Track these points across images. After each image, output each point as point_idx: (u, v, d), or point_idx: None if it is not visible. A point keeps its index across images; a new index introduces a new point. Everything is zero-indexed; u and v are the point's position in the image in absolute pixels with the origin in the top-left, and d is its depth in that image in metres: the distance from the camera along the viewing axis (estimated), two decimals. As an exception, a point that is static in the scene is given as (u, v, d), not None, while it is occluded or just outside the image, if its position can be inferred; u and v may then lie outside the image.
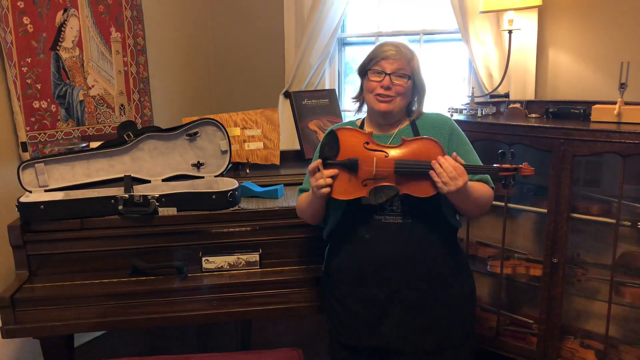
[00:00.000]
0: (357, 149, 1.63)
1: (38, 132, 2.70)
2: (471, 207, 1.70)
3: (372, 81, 1.70)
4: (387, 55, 1.67)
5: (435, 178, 1.57)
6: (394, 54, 1.67)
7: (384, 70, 1.68)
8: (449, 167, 1.56)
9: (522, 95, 2.60)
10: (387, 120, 1.77)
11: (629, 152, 2.01)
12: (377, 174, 1.62)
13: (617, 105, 2.16)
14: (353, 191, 1.64)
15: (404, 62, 1.68)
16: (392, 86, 1.67)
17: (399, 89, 1.68)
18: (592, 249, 2.40)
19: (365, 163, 1.62)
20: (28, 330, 1.95)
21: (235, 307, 2.01)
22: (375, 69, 1.69)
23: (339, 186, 1.64)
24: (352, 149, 1.63)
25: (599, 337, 2.30)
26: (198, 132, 2.35)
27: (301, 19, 3.23)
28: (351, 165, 1.62)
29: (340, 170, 1.63)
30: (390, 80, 1.67)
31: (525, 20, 2.53)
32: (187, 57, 3.58)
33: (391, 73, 1.67)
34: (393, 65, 1.67)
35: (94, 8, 2.91)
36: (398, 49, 1.68)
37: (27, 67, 2.63)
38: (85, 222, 2.04)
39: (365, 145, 1.64)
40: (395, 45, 1.70)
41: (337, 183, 1.63)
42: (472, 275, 1.86)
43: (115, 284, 2.01)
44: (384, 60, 1.68)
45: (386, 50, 1.68)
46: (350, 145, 1.63)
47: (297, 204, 1.88)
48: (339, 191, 1.64)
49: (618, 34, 2.41)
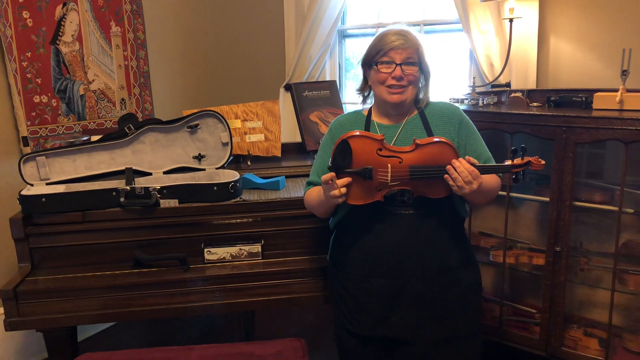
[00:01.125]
0: (371, 156, 1.60)
1: (39, 126, 2.70)
2: (481, 198, 1.72)
3: (382, 73, 1.67)
4: (395, 45, 1.64)
5: (451, 182, 1.57)
6: (403, 43, 1.64)
7: (394, 60, 1.65)
8: (465, 171, 1.55)
9: (524, 84, 2.59)
10: (398, 110, 1.74)
11: (631, 138, 2.00)
12: (390, 181, 1.61)
13: (619, 92, 2.15)
14: (368, 196, 1.63)
15: (412, 50, 1.65)
16: (404, 76, 1.65)
17: (410, 77, 1.66)
18: (595, 238, 2.39)
19: (379, 171, 1.60)
20: (31, 322, 1.96)
21: (238, 297, 2.02)
22: (384, 60, 1.66)
23: (353, 192, 1.62)
24: (366, 157, 1.60)
25: (603, 325, 2.29)
26: (199, 124, 2.35)
27: (301, 11, 3.22)
28: (366, 174, 1.59)
29: (354, 178, 1.61)
30: (401, 70, 1.64)
31: (526, 8, 2.52)
32: (187, 51, 3.58)
33: (401, 63, 1.64)
34: (402, 54, 1.64)
35: (94, 2, 2.91)
36: (405, 38, 1.65)
37: (27, 61, 2.63)
38: (87, 215, 2.04)
39: (378, 152, 1.61)
40: (401, 33, 1.67)
41: (352, 189, 1.62)
42: (478, 266, 1.86)
43: (117, 276, 2.02)
44: (392, 50, 1.65)
45: (394, 40, 1.65)
46: (363, 153, 1.60)
47: (306, 198, 1.85)
48: (354, 197, 1.63)
49: (619, 21, 2.39)
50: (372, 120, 1.77)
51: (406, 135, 1.72)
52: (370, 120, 1.77)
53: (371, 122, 1.77)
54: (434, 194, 1.63)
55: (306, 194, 1.85)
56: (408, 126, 1.73)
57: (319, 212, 1.82)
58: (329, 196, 1.62)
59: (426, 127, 1.72)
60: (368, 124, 1.76)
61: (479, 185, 1.56)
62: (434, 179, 1.60)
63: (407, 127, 1.73)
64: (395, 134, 1.72)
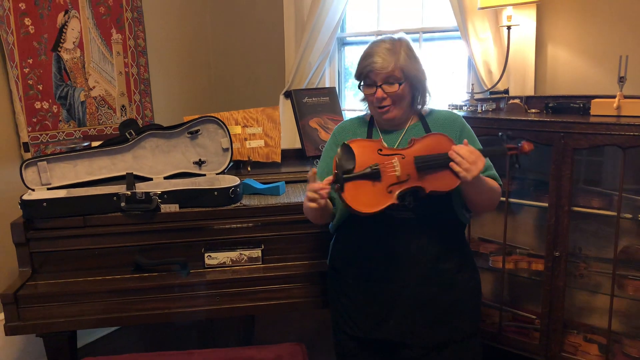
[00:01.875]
0: (373, 156, 1.59)
1: (40, 132, 2.71)
2: (485, 198, 1.70)
3: (367, 95, 1.69)
4: (374, 67, 1.63)
5: (457, 168, 1.55)
6: (380, 64, 1.63)
7: (375, 82, 1.65)
8: (466, 152, 1.55)
9: (522, 91, 2.61)
10: (393, 123, 1.75)
11: (629, 144, 2.02)
12: (400, 176, 1.58)
13: (617, 98, 2.17)
14: (381, 201, 1.56)
15: (391, 68, 1.63)
16: (386, 96, 1.65)
17: (393, 96, 1.66)
18: (594, 243, 2.40)
19: (387, 168, 1.58)
20: (32, 327, 1.96)
21: (238, 302, 2.02)
22: (366, 83, 1.68)
23: (365, 199, 1.55)
24: (368, 158, 1.58)
25: (602, 331, 2.30)
26: (199, 130, 2.36)
27: (301, 18, 3.25)
28: (374, 174, 1.56)
29: (362, 182, 1.56)
30: (382, 91, 1.65)
31: (523, 16, 2.55)
32: (187, 58, 3.60)
33: (382, 84, 1.64)
34: (380, 75, 1.64)
35: (95, 9, 2.93)
36: (382, 57, 1.63)
37: (28, 68, 2.64)
38: (88, 220, 2.05)
39: (379, 152, 1.60)
40: (379, 52, 1.64)
41: (362, 195, 1.55)
42: (478, 270, 1.87)
43: (118, 281, 2.02)
44: (371, 73, 1.65)
45: (372, 62, 1.64)
46: (365, 155, 1.58)
47: (304, 204, 1.81)
48: (366, 204, 1.55)
49: (616, 28, 2.42)
50: (375, 127, 1.78)
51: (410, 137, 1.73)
52: (373, 126, 1.78)
53: (374, 129, 1.78)
54: (445, 185, 1.59)
55: (304, 200, 1.85)
56: (410, 133, 1.74)
57: (312, 217, 1.79)
58: (308, 199, 1.60)
59: (427, 131, 1.74)
60: (370, 129, 1.77)
61: (484, 165, 1.56)
62: (441, 168, 1.58)
63: (409, 134, 1.74)
64: (397, 140, 1.74)
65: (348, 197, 1.53)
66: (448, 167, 1.57)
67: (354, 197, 1.53)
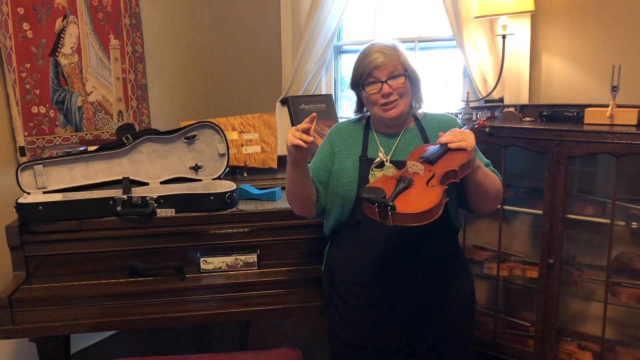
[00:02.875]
0: (390, 180, 1.55)
1: (36, 137, 2.71)
2: (491, 189, 1.68)
3: (372, 94, 1.68)
4: (376, 64, 1.65)
5: (455, 144, 1.55)
6: (383, 60, 1.65)
7: (379, 79, 1.66)
8: (449, 135, 1.58)
9: (516, 99, 2.64)
10: (395, 122, 1.75)
11: (621, 152, 2.04)
12: (425, 172, 1.54)
13: (610, 107, 2.20)
14: (432, 194, 1.49)
15: (394, 63, 1.66)
16: (392, 90, 1.66)
17: (400, 90, 1.67)
18: (588, 251, 2.42)
19: (410, 174, 1.54)
20: (25, 331, 1.94)
21: (234, 307, 2.02)
22: (369, 81, 1.68)
23: (418, 200, 1.47)
24: (389, 183, 1.54)
25: (596, 338, 2.31)
26: (196, 135, 2.37)
27: (298, 26, 3.27)
28: (406, 182, 1.51)
29: (404, 193, 1.49)
30: (388, 86, 1.66)
31: (518, 25, 2.58)
32: (185, 65, 3.62)
33: (386, 79, 1.66)
34: (385, 71, 1.66)
35: (93, 15, 2.95)
36: (384, 54, 1.66)
37: (26, 72, 2.65)
38: (84, 223, 2.05)
39: (391, 178, 1.57)
40: (379, 50, 1.67)
41: (415, 199, 1.47)
42: (472, 276, 1.87)
43: (113, 285, 2.01)
44: (374, 70, 1.66)
45: (373, 59, 1.66)
46: (384, 183, 1.54)
47: (287, 181, 1.77)
48: (425, 201, 1.46)
49: (609, 38, 2.45)
50: (371, 130, 1.79)
51: (405, 146, 1.74)
52: (369, 129, 1.79)
53: (370, 132, 1.79)
54: (463, 157, 1.56)
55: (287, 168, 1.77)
56: (406, 136, 1.75)
57: (297, 194, 1.74)
58: (292, 147, 1.57)
59: (424, 137, 1.75)
60: (367, 134, 1.78)
61: (473, 139, 1.57)
62: (444, 153, 1.58)
63: (406, 137, 1.75)
64: (393, 144, 1.74)
65: (404, 208, 1.45)
66: (450, 150, 1.57)
67: (410, 205, 1.46)
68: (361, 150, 1.75)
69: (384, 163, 1.71)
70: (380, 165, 1.71)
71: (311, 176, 1.77)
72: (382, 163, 1.71)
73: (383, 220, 1.46)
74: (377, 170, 1.70)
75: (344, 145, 1.79)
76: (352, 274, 1.77)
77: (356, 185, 1.70)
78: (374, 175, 1.70)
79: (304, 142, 1.55)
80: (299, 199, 1.77)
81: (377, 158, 1.72)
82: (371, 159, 1.73)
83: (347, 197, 1.72)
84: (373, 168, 1.71)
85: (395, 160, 1.71)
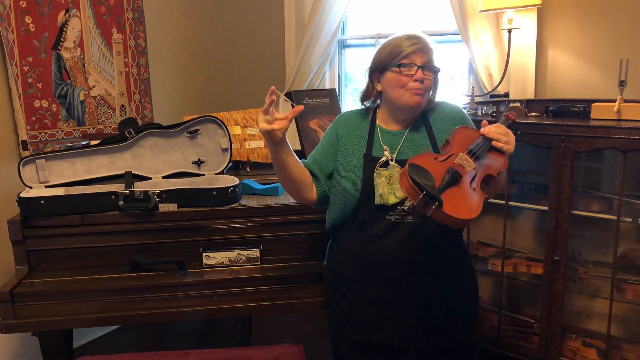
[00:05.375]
0: (438, 164, 1.52)
1: (39, 131, 2.71)
2: (498, 191, 1.70)
3: (404, 75, 1.64)
4: (416, 48, 1.63)
5: (500, 144, 1.55)
6: (423, 47, 1.64)
7: (415, 63, 1.63)
8: (496, 129, 1.58)
9: (522, 94, 2.61)
10: (411, 114, 1.73)
11: (628, 147, 2.02)
12: (471, 171, 1.51)
13: (617, 102, 2.17)
14: (476, 201, 1.46)
15: (430, 55, 1.65)
16: (424, 79, 1.64)
17: (428, 82, 1.66)
18: (593, 247, 2.39)
19: (458, 167, 1.50)
20: (27, 325, 1.94)
21: (236, 302, 2.01)
22: (405, 62, 1.64)
23: (463, 205, 1.43)
24: (437, 167, 1.51)
25: (601, 335, 2.29)
26: (199, 129, 2.35)
27: (301, 20, 3.25)
28: (455, 176, 1.47)
29: (450, 190, 1.45)
30: (422, 73, 1.64)
31: (524, 19, 2.55)
32: (187, 59, 3.60)
33: (422, 66, 1.64)
34: (423, 58, 1.64)
35: (96, 9, 2.93)
36: (423, 43, 1.65)
37: (28, 66, 2.64)
38: (86, 218, 2.04)
39: (437, 160, 1.54)
40: (418, 38, 1.66)
41: (460, 203, 1.43)
42: (475, 273, 1.85)
43: (115, 280, 2.00)
44: (413, 54, 1.63)
45: (414, 42, 1.64)
46: (432, 166, 1.51)
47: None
48: (469, 209, 1.43)
49: (617, 32, 2.42)
50: (377, 125, 1.76)
51: (410, 145, 1.71)
52: (375, 124, 1.77)
53: (376, 126, 1.76)
54: (501, 164, 1.57)
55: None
56: (412, 135, 1.72)
57: (284, 177, 1.71)
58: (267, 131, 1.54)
59: (429, 133, 1.72)
60: (372, 127, 1.76)
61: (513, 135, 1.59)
62: (487, 152, 1.57)
63: (411, 136, 1.72)
64: (399, 143, 1.72)
65: (450, 210, 1.40)
66: (492, 149, 1.57)
67: (455, 207, 1.41)
68: (366, 148, 1.73)
69: (389, 162, 1.69)
70: (385, 164, 1.69)
71: (310, 163, 1.77)
72: (387, 162, 1.69)
73: (422, 209, 1.41)
74: (382, 169, 1.68)
75: (350, 139, 1.76)
76: (353, 271, 1.75)
77: (360, 185, 1.68)
78: (379, 174, 1.68)
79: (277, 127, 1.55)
80: (288, 183, 1.74)
81: (382, 157, 1.70)
82: (376, 158, 1.70)
83: (350, 195, 1.70)
84: (378, 167, 1.69)
85: (400, 160, 1.69)
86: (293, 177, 1.71)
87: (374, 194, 1.66)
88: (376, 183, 1.67)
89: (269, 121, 1.56)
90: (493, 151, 1.58)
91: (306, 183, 1.75)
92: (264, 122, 1.56)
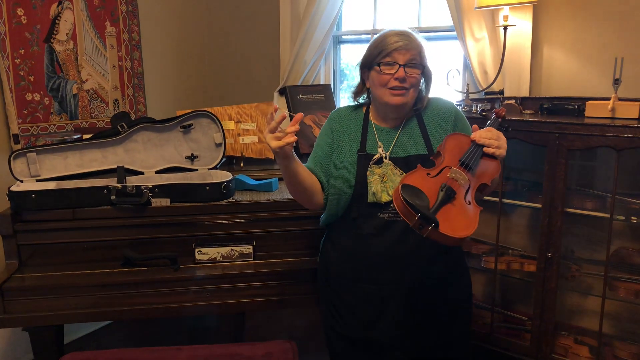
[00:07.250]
0: (430, 181, 1.51)
1: (30, 124, 2.68)
2: (492, 189, 1.69)
3: (385, 74, 1.63)
4: (398, 46, 1.61)
5: (491, 150, 1.55)
6: (406, 44, 1.61)
7: (397, 61, 1.61)
8: (486, 133, 1.57)
9: (517, 91, 2.61)
10: (397, 113, 1.71)
11: (623, 145, 2.02)
12: (464, 184, 1.50)
13: (611, 100, 2.17)
14: (471, 215, 1.46)
15: (415, 52, 1.62)
16: (406, 77, 1.62)
17: (412, 80, 1.63)
18: (586, 245, 2.40)
19: (451, 182, 1.49)
20: (18, 320, 1.93)
21: (229, 298, 2.00)
22: (386, 61, 1.62)
23: (458, 223, 1.43)
24: (429, 185, 1.49)
25: (593, 333, 2.29)
26: (192, 124, 2.34)
27: (297, 15, 3.23)
28: (449, 192, 1.46)
29: (445, 208, 1.44)
30: (404, 72, 1.61)
31: (520, 17, 2.54)
32: (182, 53, 3.57)
33: (404, 64, 1.61)
34: (406, 55, 1.61)
35: (89, 2, 2.90)
36: (409, 39, 1.62)
37: (20, 58, 2.61)
38: (77, 212, 2.02)
39: (430, 176, 1.52)
40: (404, 34, 1.63)
41: (456, 221, 1.43)
42: (469, 272, 1.85)
43: (107, 275, 1.99)
44: (395, 51, 1.61)
45: (397, 40, 1.61)
46: (424, 184, 1.49)
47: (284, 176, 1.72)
48: (465, 226, 1.43)
49: (612, 30, 2.42)
50: (370, 121, 1.75)
51: (404, 142, 1.70)
52: (369, 120, 1.76)
53: (369, 122, 1.75)
54: (494, 170, 1.57)
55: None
56: (405, 132, 1.72)
57: (296, 189, 1.69)
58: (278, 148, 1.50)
59: (422, 130, 1.71)
60: (366, 123, 1.75)
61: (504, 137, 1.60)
62: (479, 159, 1.56)
63: (405, 133, 1.71)
64: (392, 139, 1.71)
65: (447, 230, 1.41)
66: (483, 155, 1.57)
67: (451, 226, 1.42)
68: (360, 144, 1.72)
69: (382, 159, 1.68)
70: (378, 161, 1.68)
71: (314, 166, 1.75)
72: (380, 159, 1.68)
73: (418, 230, 1.41)
74: (376, 167, 1.67)
75: (344, 135, 1.75)
76: (346, 268, 1.75)
77: (354, 182, 1.67)
78: (372, 172, 1.66)
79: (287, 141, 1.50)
80: (300, 194, 1.71)
81: (375, 154, 1.69)
82: (370, 155, 1.69)
83: (343, 193, 1.69)
84: (372, 164, 1.68)
85: (394, 157, 1.68)
86: (305, 186, 1.69)
87: (367, 191, 1.65)
88: (369, 181, 1.66)
89: (279, 137, 1.51)
90: (485, 157, 1.57)
91: (317, 189, 1.73)
92: (274, 140, 1.50)
